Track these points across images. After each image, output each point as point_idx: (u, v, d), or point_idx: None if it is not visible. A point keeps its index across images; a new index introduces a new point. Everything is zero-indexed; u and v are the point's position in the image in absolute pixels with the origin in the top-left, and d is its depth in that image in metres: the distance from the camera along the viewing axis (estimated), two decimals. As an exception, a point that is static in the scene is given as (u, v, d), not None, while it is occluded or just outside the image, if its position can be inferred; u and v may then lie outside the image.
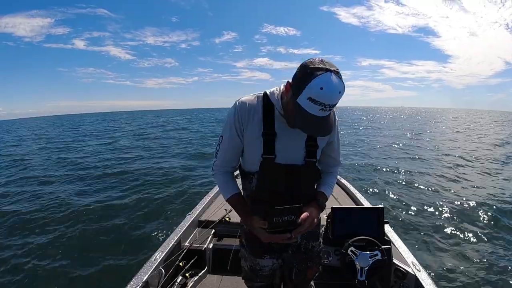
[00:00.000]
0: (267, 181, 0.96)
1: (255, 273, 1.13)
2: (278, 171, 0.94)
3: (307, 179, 1.00)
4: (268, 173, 0.95)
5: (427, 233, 3.74)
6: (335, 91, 0.73)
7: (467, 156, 9.49)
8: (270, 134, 0.92)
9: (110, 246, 3.58)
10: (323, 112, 0.76)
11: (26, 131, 33.37)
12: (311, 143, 0.96)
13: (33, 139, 21.14)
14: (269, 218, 0.85)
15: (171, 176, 7.22)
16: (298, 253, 1.11)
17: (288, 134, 0.93)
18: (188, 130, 23.04)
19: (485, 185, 5.97)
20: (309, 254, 1.13)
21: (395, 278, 1.56)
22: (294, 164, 0.95)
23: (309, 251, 1.12)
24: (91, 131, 25.54)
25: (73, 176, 7.84)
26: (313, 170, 1.00)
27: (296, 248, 1.10)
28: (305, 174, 0.97)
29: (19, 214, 4.85)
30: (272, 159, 0.93)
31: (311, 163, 0.97)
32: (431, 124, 28.32)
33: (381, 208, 1.61)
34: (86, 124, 42.65)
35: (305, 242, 1.11)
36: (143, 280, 1.46)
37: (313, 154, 0.97)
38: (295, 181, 0.96)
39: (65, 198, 5.73)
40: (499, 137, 16.19)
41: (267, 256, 1.09)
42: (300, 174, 0.96)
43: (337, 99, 0.75)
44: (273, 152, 0.92)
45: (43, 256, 3.39)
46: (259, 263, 1.11)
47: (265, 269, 1.12)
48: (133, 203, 5.20)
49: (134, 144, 14.96)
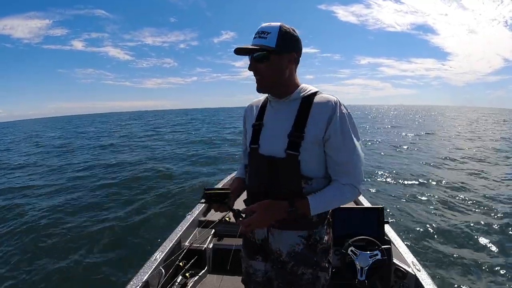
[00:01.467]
0: (251, 172, 0.98)
1: (249, 278, 1.08)
2: (261, 162, 0.92)
3: (286, 176, 0.88)
4: (252, 163, 0.97)
5: (427, 233, 3.74)
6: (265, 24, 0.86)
7: (474, 155, 9.49)
8: (258, 124, 0.95)
9: (110, 247, 3.58)
10: (252, 42, 0.86)
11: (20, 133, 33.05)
12: (294, 133, 0.85)
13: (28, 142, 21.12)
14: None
15: (171, 176, 7.22)
16: (283, 272, 0.95)
17: (272, 123, 0.93)
18: (189, 132, 23.04)
19: (486, 185, 5.97)
20: (295, 279, 0.94)
21: (395, 278, 1.56)
22: (273, 156, 0.88)
23: (296, 275, 0.94)
24: (92, 132, 25.54)
25: (72, 177, 7.85)
26: (295, 166, 0.86)
27: (280, 264, 0.95)
28: (284, 169, 0.87)
29: (33, 210, 4.85)
30: (256, 149, 0.94)
31: (292, 156, 0.85)
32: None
33: (381, 208, 1.61)
34: (87, 125, 42.63)
35: (292, 264, 0.93)
36: (143, 280, 1.46)
37: (295, 147, 0.85)
38: (276, 174, 0.89)
39: (64, 199, 5.73)
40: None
41: (259, 258, 1.03)
42: (278, 167, 0.88)
43: (263, 28, 0.85)
44: (258, 142, 0.94)
45: (42, 256, 3.39)
46: (252, 266, 1.05)
47: (258, 274, 1.04)
48: (133, 203, 5.20)
49: (133, 145, 14.95)
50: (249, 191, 1.02)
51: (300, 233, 0.92)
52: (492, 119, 33.36)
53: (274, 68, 0.86)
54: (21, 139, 22.97)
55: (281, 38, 0.84)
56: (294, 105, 0.89)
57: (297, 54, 0.89)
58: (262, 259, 1.03)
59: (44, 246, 3.65)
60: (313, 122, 0.85)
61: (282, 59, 0.86)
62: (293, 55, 0.88)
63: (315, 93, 0.90)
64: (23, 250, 3.59)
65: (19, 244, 3.76)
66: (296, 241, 0.93)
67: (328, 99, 0.87)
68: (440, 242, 3.51)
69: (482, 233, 3.72)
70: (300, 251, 0.93)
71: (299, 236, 0.92)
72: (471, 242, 3.52)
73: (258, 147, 0.93)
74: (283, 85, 0.90)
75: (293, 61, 0.89)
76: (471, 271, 2.91)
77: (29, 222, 4.48)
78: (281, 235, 0.94)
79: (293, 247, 0.93)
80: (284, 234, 0.93)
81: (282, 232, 0.93)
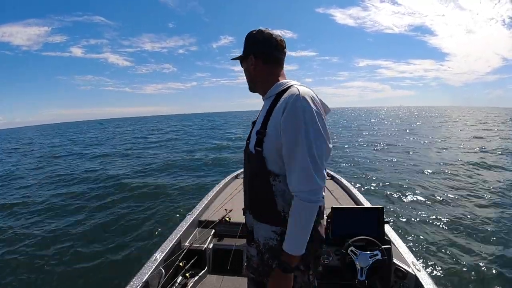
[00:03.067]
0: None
1: (248, 262, 1.12)
2: (244, 157, 1.05)
3: (256, 170, 0.94)
4: (244, 158, 1.07)
5: (427, 233, 3.74)
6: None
7: (472, 154, 9.49)
8: (252, 123, 1.04)
9: (110, 247, 3.58)
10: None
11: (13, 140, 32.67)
12: (260, 130, 0.90)
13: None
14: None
15: (171, 177, 7.22)
16: (261, 261, 0.99)
17: (257, 120, 1.00)
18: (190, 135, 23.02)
19: (487, 185, 5.97)
20: (269, 271, 0.94)
21: (395, 278, 1.55)
22: (249, 152, 0.98)
23: (271, 269, 0.93)
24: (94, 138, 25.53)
25: (71, 177, 7.85)
26: (259, 161, 0.90)
27: (260, 253, 0.99)
28: (252, 163, 0.96)
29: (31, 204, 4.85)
30: (246, 145, 1.03)
31: (258, 152, 0.90)
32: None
33: (381, 208, 1.61)
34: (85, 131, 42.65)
35: (268, 256, 0.95)
36: (143, 280, 1.46)
37: (260, 143, 0.89)
38: (249, 169, 1.00)
39: (65, 200, 5.74)
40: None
41: (253, 244, 1.05)
42: (249, 161, 0.99)
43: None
44: (249, 138, 1.03)
45: (42, 257, 3.39)
46: (249, 251, 1.10)
47: (253, 260, 1.07)
48: (132, 204, 5.20)
49: (134, 145, 14.96)
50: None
51: (274, 228, 0.93)
52: (499, 119, 32.72)
53: (245, 71, 1.02)
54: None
55: (245, 44, 0.98)
56: (269, 102, 0.94)
57: (255, 54, 0.96)
58: (255, 246, 1.06)
59: (44, 247, 3.65)
60: (273, 118, 0.86)
61: (247, 62, 0.99)
62: (251, 57, 0.97)
63: (288, 88, 0.89)
64: (23, 250, 3.59)
65: (19, 244, 3.76)
66: (270, 235, 0.94)
67: (290, 92, 0.85)
68: (440, 242, 3.50)
69: (482, 233, 3.71)
70: (274, 245, 0.93)
71: (273, 231, 0.93)
72: (472, 242, 3.52)
73: (246, 144, 1.03)
74: (259, 85, 1.00)
75: (257, 61, 0.96)
76: (472, 271, 2.91)
77: (29, 221, 4.48)
78: (258, 227, 0.98)
79: (267, 240, 0.95)
80: (260, 226, 0.97)
81: (258, 223, 0.98)
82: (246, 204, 1.07)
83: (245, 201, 1.08)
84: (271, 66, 0.96)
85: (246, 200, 1.07)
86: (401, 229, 3.81)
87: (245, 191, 1.06)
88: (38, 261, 3.29)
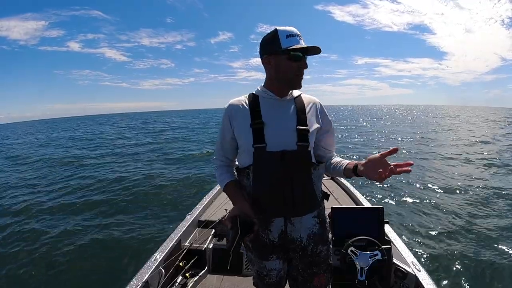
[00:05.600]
0: (263, 171, 0.96)
1: (262, 281, 1.07)
2: (271, 159, 0.94)
3: (301, 165, 0.96)
4: (262, 163, 0.95)
5: (427, 233, 3.74)
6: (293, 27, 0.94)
7: (473, 152, 9.49)
8: (258, 123, 0.96)
9: (110, 247, 3.58)
10: (303, 42, 0.94)
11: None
12: (301, 127, 0.96)
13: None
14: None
15: (170, 177, 7.22)
16: (303, 256, 1.03)
17: (277, 120, 0.97)
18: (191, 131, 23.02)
19: (487, 184, 5.97)
20: (315, 259, 1.04)
21: (395, 278, 1.55)
22: (286, 149, 0.94)
23: (316, 255, 1.04)
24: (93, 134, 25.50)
25: (71, 178, 7.85)
26: (306, 155, 0.97)
27: (301, 250, 1.02)
28: (298, 159, 0.95)
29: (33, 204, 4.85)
30: (263, 148, 0.94)
31: (303, 147, 0.95)
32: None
33: (381, 208, 1.61)
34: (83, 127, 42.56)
35: (312, 245, 1.02)
36: (143, 280, 1.46)
37: (305, 138, 0.96)
38: (290, 166, 0.94)
39: (66, 201, 5.74)
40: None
41: (273, 257, 1.03)
42: (293, 159, 0.94)
43: (298, 32, 0.94)
44: (264, 141, 0.94)
45: (41, 257, 3.39)
46: (265, 267, 1.04)
47: (272, 275, 1.05)
48: (132, 204, 5.20)
49: (134, 146, 14.95)
50: (260, 194, 0.98)
51: (313, 214, 1.03)
52: (504, 120, 32.43)
53: (300, 69, 0.97)
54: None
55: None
56: (291, 103, 1.01)
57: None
58: (276, 257, 1.04)
59: (44, 247, 3.65)
60: (312, 117, 1.01)
61: (303, 61, 0.97)
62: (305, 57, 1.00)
63: (299, 94, 1.06)
64: (22, 250, 3.59)
65: (18, 243, 3.76)
66: (312, 222, 1.02)
67: (314, 99, 1.06)
68: (441, 242, 3.51)
69: (483, 233, 3.71)
70: (317, 231, 1.03)
71: (313, 217, 1.03)
72: (472, 242, 3.52)
73: (266, 145, 0.94)
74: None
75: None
76: (472, 271, 2.91)
77: (29, 221, 4.48)
78: (301, 222, 1.00)
79: (311, 229, 1.02)
80: (303, 220, 1.00)
81: (302, 218, 1.00)
82: (275, 210, 0.98)
83: (273, 208, 0.98)
84: None
85: (276, 205, 0.97)
86: (401, 229, 3.82)
87: (274, 197, 0.95)
88: (38, 261, 3.30)
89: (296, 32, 0.93)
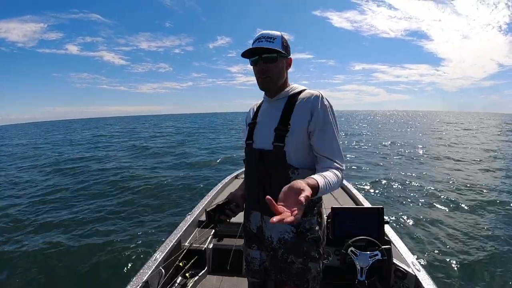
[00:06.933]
0: (247, 166, 1.08)
1: (248, 266, 1.14)
2: (254, 156, 1.02)
3: (273, 165, 0.95)
4: (248, 158, 1.07)
5: (427, 233, 3.74)
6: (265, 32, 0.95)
7: (471, 156, 9.49)
8: (252, 123, 1.06)
9: (111, 247, 3.57)
10: (258, 43, 0.93)
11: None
12: (279, 127, 0.94)
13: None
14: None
15: (170, 177, 7.22)
16: (274, 259, 1.02)
17: (263, 119, 1.03)
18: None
19: (487, 184, 5.97)
20: (285, 267, 0.99)
21: (395, 278, 1.55)
22: (263, 148, 0.97)
23: (286, 263, 0.99)
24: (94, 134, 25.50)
25: (70, 179, 7.85)
26: (282, 156, 0.93)
27: (272, 250, 1.01)
28: (272, 159, 0.95)
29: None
30: (250, 144, 1.04)
31: (279, 147, 0.93)
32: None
33: (381, 208, 1.61)
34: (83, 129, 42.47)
35: (283, 251, 0.99)
36: (143, 280, 1.46)
37: (281, 139, 0.92)
38: (268, 166, 0.97)
39: (66, 201, 5.74)
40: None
41: (254, 246, 1.09)
42: (269, 159, 0.96)
43: (268, 33, 0.94)
44: (252, 138, 1.04)
45: (42, 257, 3.39)
46: (249, 254, 1.12)
47: (255, 263, 1.10)
48: (132, 204, 5.20)
49: (134, 147, 14.96)
50: (245, 186, 1.11)
51: None
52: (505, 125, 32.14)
53: (279, 69, 0.97)
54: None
55: (283, 43, 0.95)
56: (282, 102, 1.00)
57: (290, 60, 1.03)
58: (257, 247, 1.09)
59: (44, 247, 3.64)
60: (297, 116, 0.94)
61: (283, 62, 0.98)
62: (290, 59, 1.01)
63: (302, 91, 1.00)
64: (22, 251, 3.59)
65: (18, 244, 3.76)
66: (285, 228, 0.98)
67: (311, 93, 0.97)
68: (440, 242, 3.50)
69: (483, 233, 3.71)
70: (290, 239, 0.98)
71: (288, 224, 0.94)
72: (472, 242, 3.51)
73: (252, 142, 1.03)
74: (280, 85, 1.01)
75: (289, 64, 1.02)
76: (472, 271, 2.91)
77: (29, 222, 4.48)
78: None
79: (283, 234, 0.98)
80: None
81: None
82: (253, 204, 1.06)
83: (252, 201, 1.07)
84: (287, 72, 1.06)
85: (254, 199, 1.04)
86: (401, 229, 3.82)
87: (253, 191, 1.04)
88: (37, 261, 3.29)
89: (259, 36, 0.94)
